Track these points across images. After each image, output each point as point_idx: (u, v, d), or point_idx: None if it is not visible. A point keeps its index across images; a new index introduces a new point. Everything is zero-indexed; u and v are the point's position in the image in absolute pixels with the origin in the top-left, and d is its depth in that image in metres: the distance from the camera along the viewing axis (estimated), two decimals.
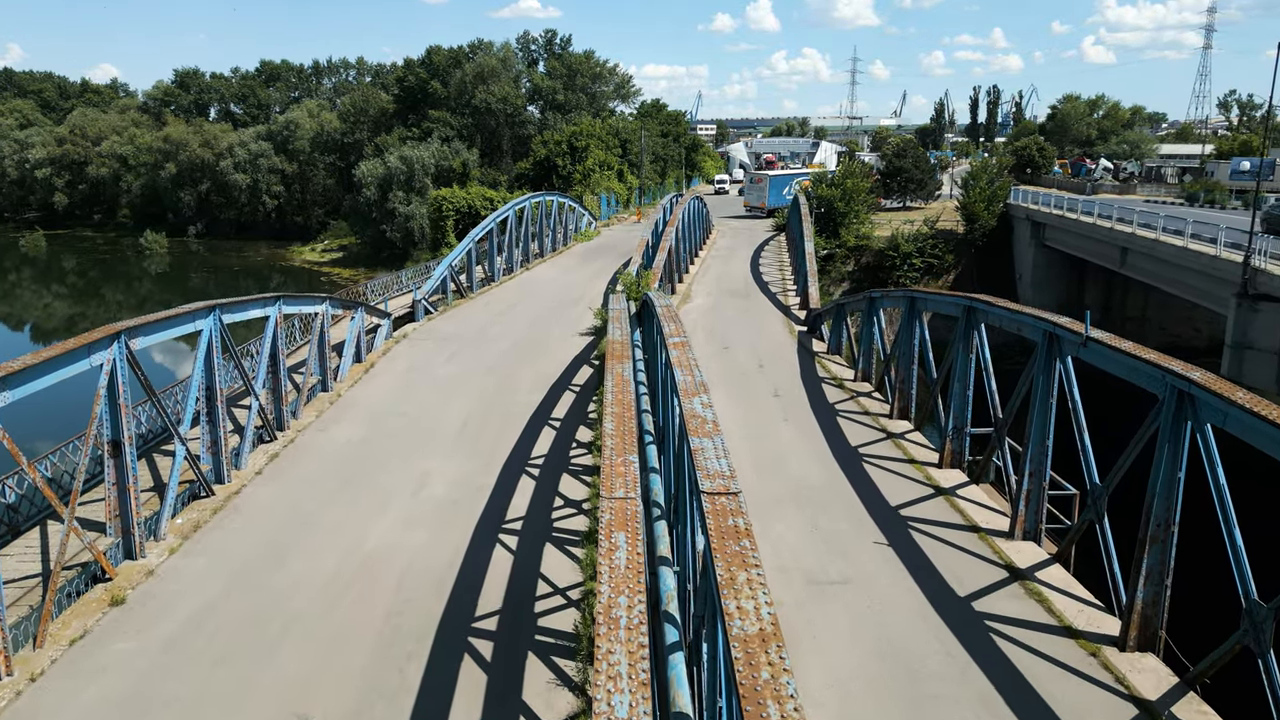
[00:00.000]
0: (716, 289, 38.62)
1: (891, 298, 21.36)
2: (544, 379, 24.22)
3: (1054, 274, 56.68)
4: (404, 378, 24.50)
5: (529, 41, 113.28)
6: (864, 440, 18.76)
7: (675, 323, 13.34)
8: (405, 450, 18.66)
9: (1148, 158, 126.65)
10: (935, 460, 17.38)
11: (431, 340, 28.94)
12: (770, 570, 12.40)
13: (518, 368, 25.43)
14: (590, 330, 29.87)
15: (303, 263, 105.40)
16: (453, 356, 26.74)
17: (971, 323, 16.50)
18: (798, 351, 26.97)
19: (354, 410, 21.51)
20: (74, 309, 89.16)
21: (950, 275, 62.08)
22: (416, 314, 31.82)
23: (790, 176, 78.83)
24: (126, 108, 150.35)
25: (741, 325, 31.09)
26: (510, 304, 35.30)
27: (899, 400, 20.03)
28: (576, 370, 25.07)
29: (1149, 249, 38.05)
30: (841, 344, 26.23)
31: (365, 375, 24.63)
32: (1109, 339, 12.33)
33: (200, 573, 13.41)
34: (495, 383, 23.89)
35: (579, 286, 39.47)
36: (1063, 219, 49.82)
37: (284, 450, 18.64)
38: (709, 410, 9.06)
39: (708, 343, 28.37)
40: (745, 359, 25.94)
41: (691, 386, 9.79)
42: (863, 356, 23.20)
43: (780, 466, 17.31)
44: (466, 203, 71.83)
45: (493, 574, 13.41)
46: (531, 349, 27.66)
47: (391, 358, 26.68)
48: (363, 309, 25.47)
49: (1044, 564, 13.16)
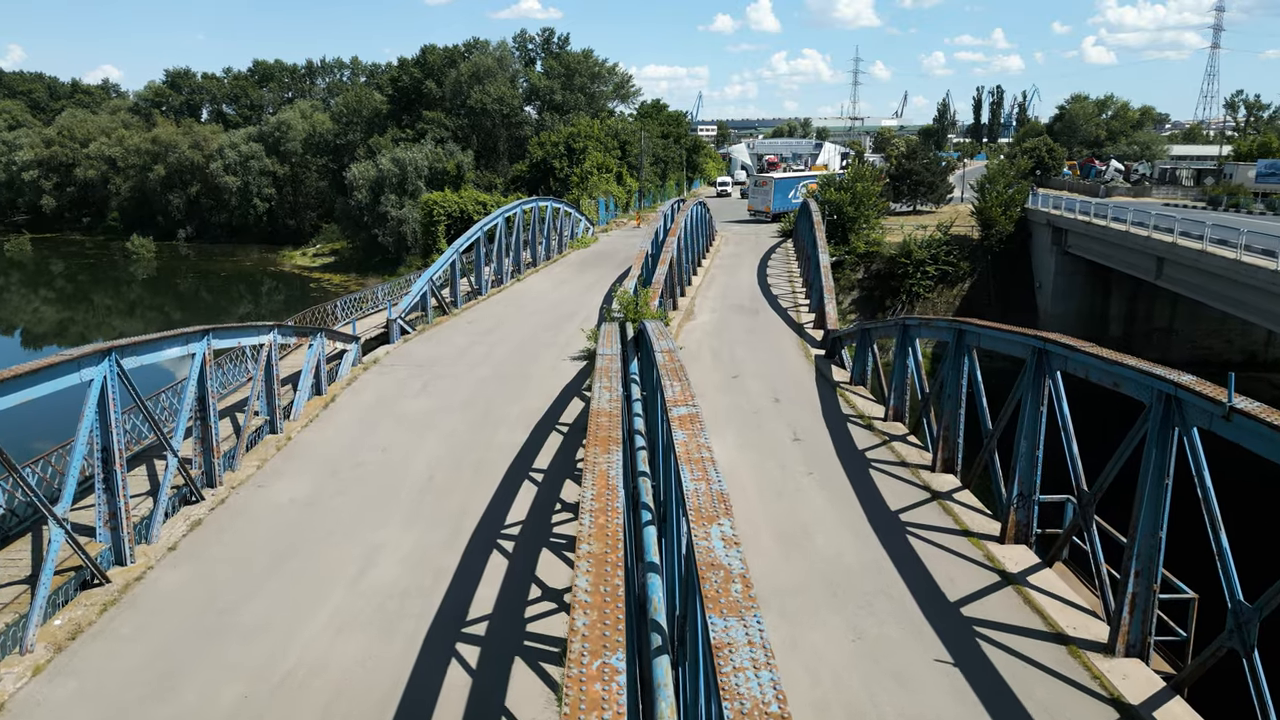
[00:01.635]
0: (722, 304, 35.53)
1: (934, 327, 18.21)
2: (528, 415, 21.14)
3: (1077, 283, 53.68)
4: (368, 414, 21.39)
5: (526, 40, 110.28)
6: (905, 502, 15.67)
7: (681, 381, 10.26)
8: (356, 514, 15.59)
9: (1159, 159, 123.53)
10: (995, 533, 14.29)
11: (405, 367, 25.84)
12: (803, 707, 9.32)
13: (498, 401, 22.34)
14: (583, 354, 26.81)
15: (293, 268, 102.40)
16: (426, 387, 23.64)
17: (1044, 369, 13.40)
18: (816, 381, 23.87)
19: (304, 458, 18.43)
20: (62, 314, 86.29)
21: (965, 284, 59.09)
22: (391, 335, 28.73)
23: (796, 179, 75.72)
24: (118, 109, 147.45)
25: (751, 347, 28.01)
26: (497, 322, 32.20)
27: (943, 450, 16.95)
28: (565, 405, 21.98)
29: (1193, 261, 34.93)
30: (866, 373, 23.11)
31: (324, 411, 21.54)
32: (1261, 411, 9.17)
33: (61, 707, 10.34)
34: (471, 421, 20.79)
35: (573, 300, 36.40)
36: (1090, 226, 46.72)
37: (210, 515, 15.56)
38: (733, 552, 5.99)
39: (714, 369, 25.29)
40: (758, 391, 22.84)
41: (709, 507, 6.73)
42: (894, 393, 20.08)
43: (806, 540, 14.22)
44: (459, 207, 68.77)
45: (445, 704, 10.35)
46: (516, 378, 24.57)
47: (357, 389, 23.56)
48: (322, 334, 22.37)
49: (1162, 697, 10.07)
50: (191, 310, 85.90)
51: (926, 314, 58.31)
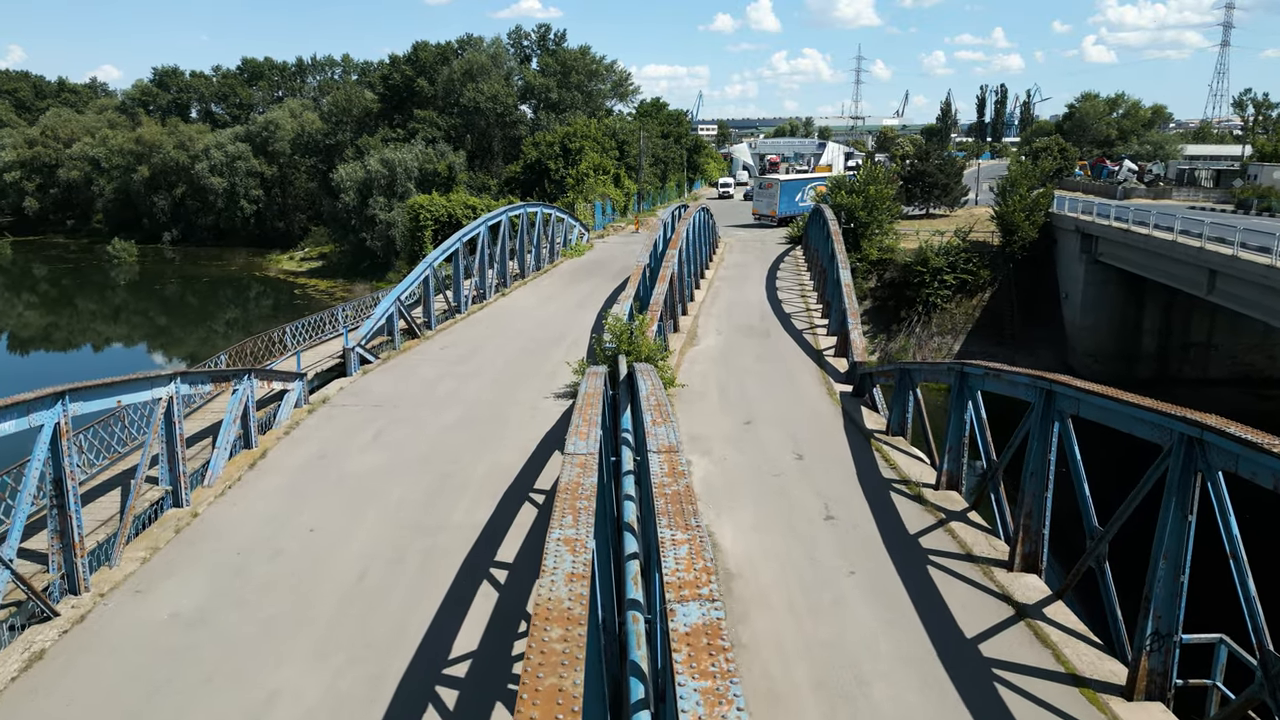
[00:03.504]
0: (729, 324, 31.67)
1: (1008, 380, 14.20)
2: (497, 476, 17.30)
3: (1108, 294, 49.79)
4: (301, 477, 17.51)
5: (521, 37, 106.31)
6: (981, 625, 11.79)
7: (681, 517, 6.42)
8: (254, 639, 11.74)
9: (1173, 159, 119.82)
10: (1118, 680, 10.41)
11: (360, 407, 21.97)
12: None
13: (464, 455, 18.49)
14: (569, 390, 22.98)
15: (279, 273, 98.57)
16: (380, 436, 19.78)
17: (1193, 458, 9.55)
18: (845, 428, 19.99)
19: (207, 545, 14.56)
20: (46, 319, 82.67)
21: (986, 293, 55.26)
22: (348, 366, 24.84)
23: (804, 182, 71.84)
24: (105, 108, 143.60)
25: (765, 381, 24.15)
26: (473, 347, 28.33)
27: (1023, 542, 13.07)
28: (544, 462, 18.13)
29: (1261, 277, 31.04)
30: (905, 422, 19.22)
31: (250, 473, 17.67)
32: None
33: None
34: (428, 486, 16.95)
35: (562, 319, 32.57)
36: (1128, 234, 42.81)
37: (60, 641, 11.71)
38: None
39: (722, 410, 21.42)
40: (776, 442, 18.97)
41: None
42: (949, 457, 16.18)
43: (860, 692, 10.35)
44: (447, 211, 64.91)
45: None
46: (488, 422, 20.72)
47: (296, 440, 19.67)
48: (251, 376, 18.49)
49: None
50: (176, 316, 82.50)
51: (944, 326, 54.48)
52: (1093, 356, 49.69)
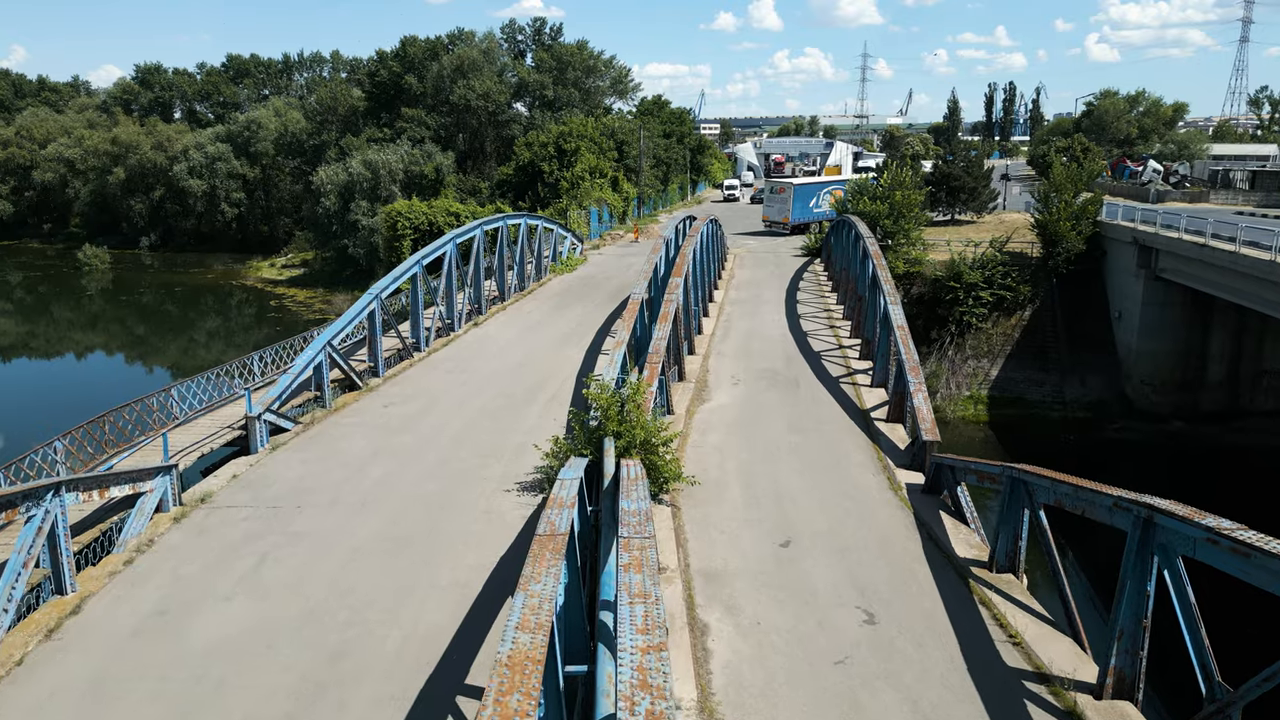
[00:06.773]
0: (746, 368, 25.66)
1: (1253, 561, 8.11)
2: (413, 657, 11.34)
3: (1170, 315, 43.81)
4: (119, 660, 11.50)
5: (515, 31, 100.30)
6: None
7: None
8: None
9: (1198, 158, 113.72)
10: None
11: (249, 510, 15.94)
12: None
13: (373, 609, 12.49)
14: (540, 479, 17.04)
15: (257, 280, 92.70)
16: (260, 567, 13.76)
17: None
18: (927, 557, 13.93)
19: None
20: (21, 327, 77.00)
21: (1025, 311, 49.27)
22: (251, 441, 18.83)
23: (819, 186, 65.74)
24: (85, 107, 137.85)
25: (803, 464, 18.09)
26: (426, 403, 22.32)
27: None
28: (488, 624, 12.15)
29: None
30: (1018, 555, 13.18)
31: (41, 647, 11.73)
32: None
33: None
34: (299, 678, 10.96)
35: (543, 360, 26.62)
36: (1204, 249, 36.77)
37: None
38: None
39: (749, 521, 15.36)
40: (831, 588, 12.91)
41: None
42: (1122, 645, 10.13)
43: None
44: (427, 219, 58.96)
45: None
46: (421, 540, 14.72)
47: (135, 577, 13.58)
48: (58, 492, 12.52)
49: None
50: (154, 324, 77.09)
51: (980, 348, 48.47)
52: (1151, 385, 43.86)
